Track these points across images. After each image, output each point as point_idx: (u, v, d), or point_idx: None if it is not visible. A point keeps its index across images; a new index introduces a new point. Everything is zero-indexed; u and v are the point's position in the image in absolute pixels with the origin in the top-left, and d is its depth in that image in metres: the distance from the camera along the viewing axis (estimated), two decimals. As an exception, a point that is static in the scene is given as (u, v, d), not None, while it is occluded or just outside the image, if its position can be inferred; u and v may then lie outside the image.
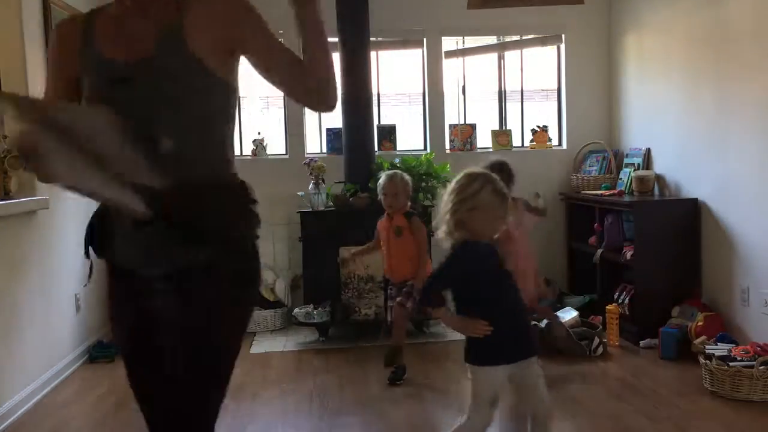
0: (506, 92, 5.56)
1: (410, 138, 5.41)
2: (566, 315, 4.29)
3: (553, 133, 5.51)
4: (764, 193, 3.70)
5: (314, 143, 5.34)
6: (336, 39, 4.72)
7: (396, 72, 5.47)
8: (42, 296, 3.68)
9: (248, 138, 5.22)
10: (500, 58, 5.55)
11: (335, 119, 5.06)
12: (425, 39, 5.29)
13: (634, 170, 4.79)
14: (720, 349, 3.51)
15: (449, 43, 5.42)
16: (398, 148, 5.30)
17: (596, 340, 4.03)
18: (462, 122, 5.46)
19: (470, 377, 2.28)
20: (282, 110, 5.29)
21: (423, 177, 4.64)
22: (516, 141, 5.51)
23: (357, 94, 4.70)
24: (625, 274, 4.55)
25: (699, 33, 4.23)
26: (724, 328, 3.92)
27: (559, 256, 5.28)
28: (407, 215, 3.81)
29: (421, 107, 5.39)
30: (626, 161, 5.03)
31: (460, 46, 5.52)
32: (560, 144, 5.53)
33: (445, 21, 5.24)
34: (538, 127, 5.45)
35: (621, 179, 4.94)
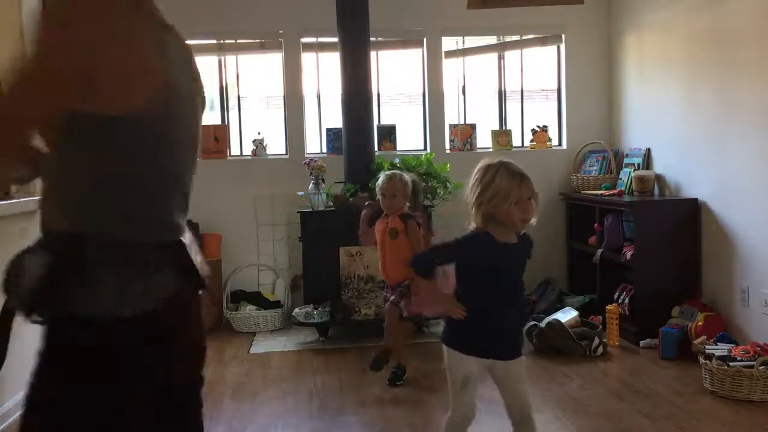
0: (506, 92, 5.56)
1: (410, 138, 5.41)
2: (566, 315, 4.29)
3: (553, 133, 5.51)
4: (764, 193, 3.70)
5: (314, 143, 5.34)
6: (336, 39, 4.73)
7: (396, 72, 5.47)
8: (42, 296, 3.67)
9: (248, 138, 5.22)
10: (500, 58, 5.55)
11: (335, 119, 5.06)
12: (425, 39, 5.30)
13: (634, 170, 4.79)
14: (720, 349, 3.51)
15: (449, 43, 5.42)
16: (398, 148, 5.30)
17: (596, 340, 4.04)
18: (462, 122, 5.46)
19: (444, 360, 2.32)
20: (282, 110, 5.29)
21: (423, 177, 4.63)
22: (516, 141, 5.51)
23: (357, 94, 4.70)
24: (625, 274, 4.55)
25: (699, 33, 4.23)
26: (724, 328, 3.92)
27: (559, 256, 5.28)
28: (403, 217, 3.66)
29: (421, 107, 5.39)
30: (626, 161, 5.03)
31: (460, 46, 5.52)
32: (560, 144, 5.53)
33: (445, 21, 5.24)
34: (538, 127, 5.45)
35: (621, 179, 4.94)
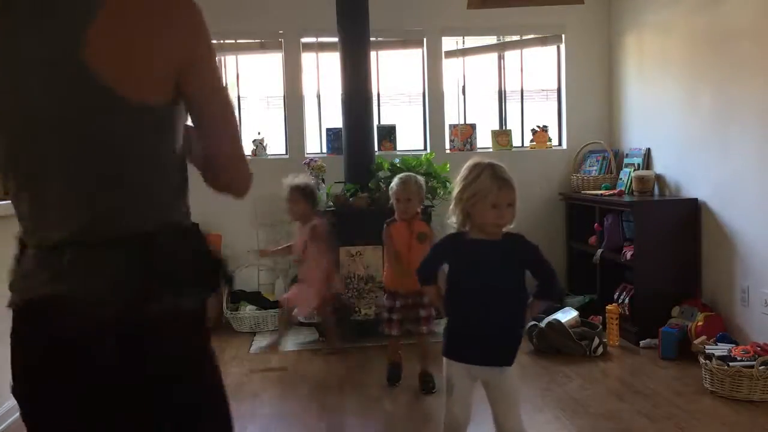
0: (506, 92, 5.56)
1: (410, 138, 5.40)
2: (566, 315, 4.29)
3: (553, 133, 5.51)
4: (764, 193, 3.70)
5: (314, 143, 5.34)
6: (336, 39, 4.73)
7: (396, 72, 5.47)
8: (42, 296, 3.67)
9: (248, 138, 5.22)
10: (500, 58, 5.55)
11: (335, 119, 5.06)
12: (425, 39, 5.29)
13: (634, 170, 4.79)
14: (720, 349, 3.51)
15: (449, 43, 5.42)
16: (398, 148, 5.30)
17: (596, 340, 4.04)
18: (462, 122, 5.46)
19: None
20: (282, 110, 5.29)
21: (423, 177, 4.63)
22: (516, 141, 5.51)
23: (357, 94, 4.70)
24: (625, 274, 4.55)
25: (699, 33, 4.23)
26: (724, 328, 3.92)
27: (559, 256, 5.27)
28: (426, 221, 3.63)
29: (421, 107, 5.39)
30: (626, 161, 5.03)
31: (460, 46, 5.52)
32: (560, 144, 5.53)
33: (445, 21, 5.24)
34: (538, 127, 5.45)
35: (621, 179, 4.94)
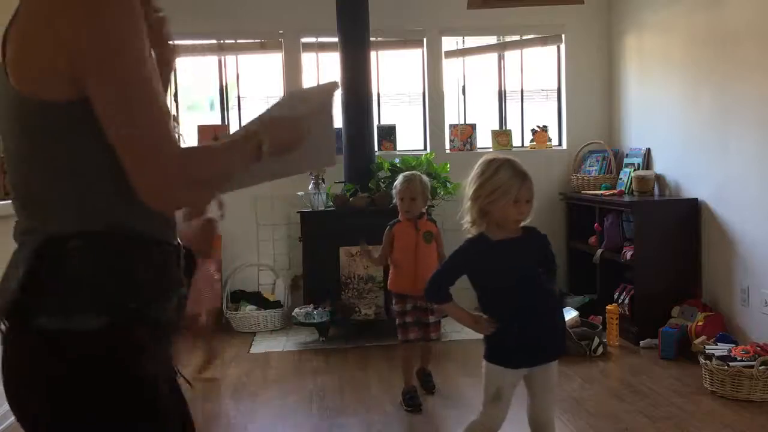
0: (506, 92, 5.56)
1: (410, 138, 5.40)
2: (566, 315, 4.29)
3: (553, 133, 5.51)
4: (764, 193, 3.70)
5: (314, 143, 5.33)
6: (336, 39, 4.73)
7: (396, 72, 5.47)
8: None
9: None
10: (500, 58, 5.55)
11: (335, 119, 5.04)
12: (425, 39, 5.29)
13: (634, 170, 4.78)
14: (720, 349, 3.51)
15: (449, 43, 5.42)
16: (398, 148, 5.30)
17: (596, 340, 4.04)
18: (462, 122, 5.46)
19: (482, 371, 2.27)
20: (282, 110, 5.28)
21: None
22: (516, 141, 5.50)
23: (357, 94, 4.70)
24: (625, 274, 4.54)
25: (699, 33, 4.23)
26: (724, 328, 3.92)
27: (559, 256, 5.25)
28: (431, 220, 3.61)
29: (421, 107, 5.39)
30: (626, 161, 5.03)
31: (460, 46, 5.52)
32: (560, 144, 5.53)
33: (445, 21, 5.24)
34: (538, 127, 5.45)
35: (621, 179, 4.94)
